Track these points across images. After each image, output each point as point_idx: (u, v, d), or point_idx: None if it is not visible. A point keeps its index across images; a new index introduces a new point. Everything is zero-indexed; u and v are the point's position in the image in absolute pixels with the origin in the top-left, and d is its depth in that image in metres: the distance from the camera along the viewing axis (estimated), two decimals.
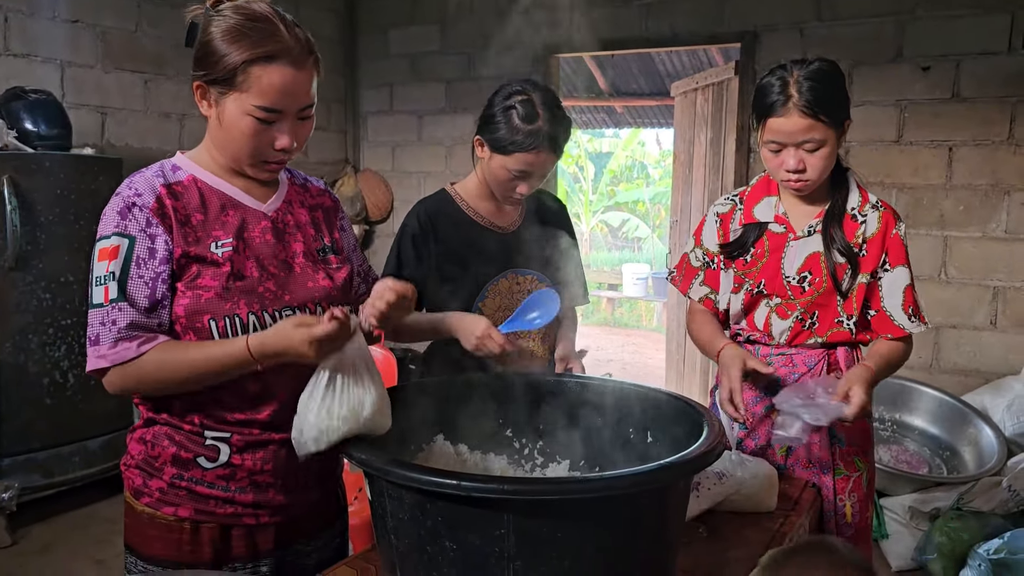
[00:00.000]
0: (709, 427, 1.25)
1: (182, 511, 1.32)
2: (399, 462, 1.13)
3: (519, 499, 1.03)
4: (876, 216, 1.77)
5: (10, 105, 3.47)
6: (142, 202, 1.25)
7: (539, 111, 1.77)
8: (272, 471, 1.35)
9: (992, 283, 3.80)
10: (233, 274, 1.28)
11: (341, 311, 1.19)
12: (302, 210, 1.43)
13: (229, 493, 1.32)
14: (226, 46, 1.22)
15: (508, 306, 1.91)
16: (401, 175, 5.54)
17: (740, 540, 1.51)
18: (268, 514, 1.36)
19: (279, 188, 1.41)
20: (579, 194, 13.03)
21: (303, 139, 1.32)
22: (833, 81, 1.68)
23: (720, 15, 4.29)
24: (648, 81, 8.26)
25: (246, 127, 1.25)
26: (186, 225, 1.28)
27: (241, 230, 1.32)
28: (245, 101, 1.23)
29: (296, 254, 1.38)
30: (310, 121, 1.33)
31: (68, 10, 3.96)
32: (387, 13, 5.41)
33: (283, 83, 1.23)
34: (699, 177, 4.86)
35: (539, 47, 4.82)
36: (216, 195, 1.32)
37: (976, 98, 3.73)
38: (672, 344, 5.41)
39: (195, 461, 1.31)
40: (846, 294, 1.76)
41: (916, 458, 3.60)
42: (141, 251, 1.24)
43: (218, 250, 1.28)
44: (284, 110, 1.26)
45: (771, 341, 1.83)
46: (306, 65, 1.26)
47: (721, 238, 1.88)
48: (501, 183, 1.85)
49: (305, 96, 1.28)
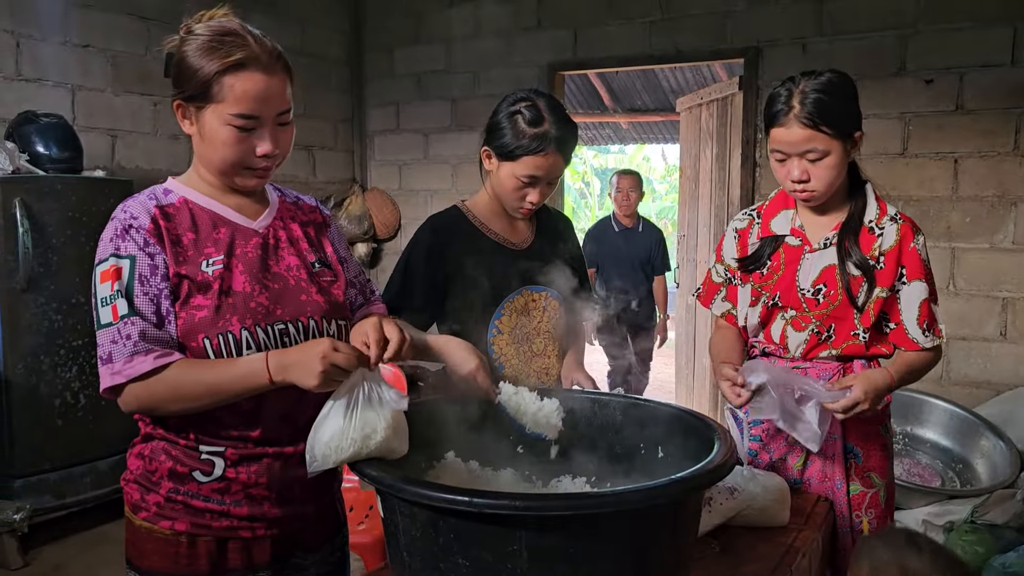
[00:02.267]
0: (720, 442, 1.25)
1: (179, 525, 1.33)
2: (411, 479, 1.14)
3: (531, 515, 1.03)
4: (894, 229, 1.75)
5: (22, 129, 3.51)
6: (138, 224, 1.29)
7: (544, 114, 1.78)
8: (267, 484, 1.35)
9: (1001, 294, 3.79)
10: (223, 291, 1.30)
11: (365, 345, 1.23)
12: (294, 224, 1.45)
13: (224, 506, 1.33)
14: (198, 61, 1.26)
15: (524, 323, 1.90)
16: (408, 193, 5.57)
17: (753, 555, 1.51)
18: (264, 527, 1.37)
19: (270, 206, 1.44)
20: (585, 210, 13.05)
21: (285, 145, 1.35)
22: (840, 92, 1.68)
23: (723, 31, 4.31)
24: (652, 97, 8.30)
25: (227, 136, 1.28)
26: (178, 245, 1.30)
27: (232, 246, 1.34)
28: (222, 111, 1.27)
29: (290, 267, 1.39)
30: (290, 127, 1.35)
31: (79, 35, 4.01)
32: (393, 33, 5.46)
33: (256, 89, 1.27)
34: (705, 192, 4.87)
35: (544, 64, 4.86)
36: (206, 214, 1.35)
37: (980, 110, 3.74)
38: (682, 358, 5.40)
39: (191, 475, 1.33)
40: (862, 308, 1.74)
41: (929, 471, 3.58)
42: (143, 269, 1.27)
43: (209, 268, 1.30)
44: (261, 115, 1.29)
45: (787, 354, 1.82)
46: (277, 71, 1.29)
47: (739, 253, 1.88)
48: (510, 193, 1.85)
49: (280, 101, 1.31)
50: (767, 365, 1.67)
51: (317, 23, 5.28)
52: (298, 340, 1.35)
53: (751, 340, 1.91)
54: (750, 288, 1.86)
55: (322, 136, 5.46)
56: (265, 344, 1.31)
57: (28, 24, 3.80)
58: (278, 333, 1.33)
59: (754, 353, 1.90)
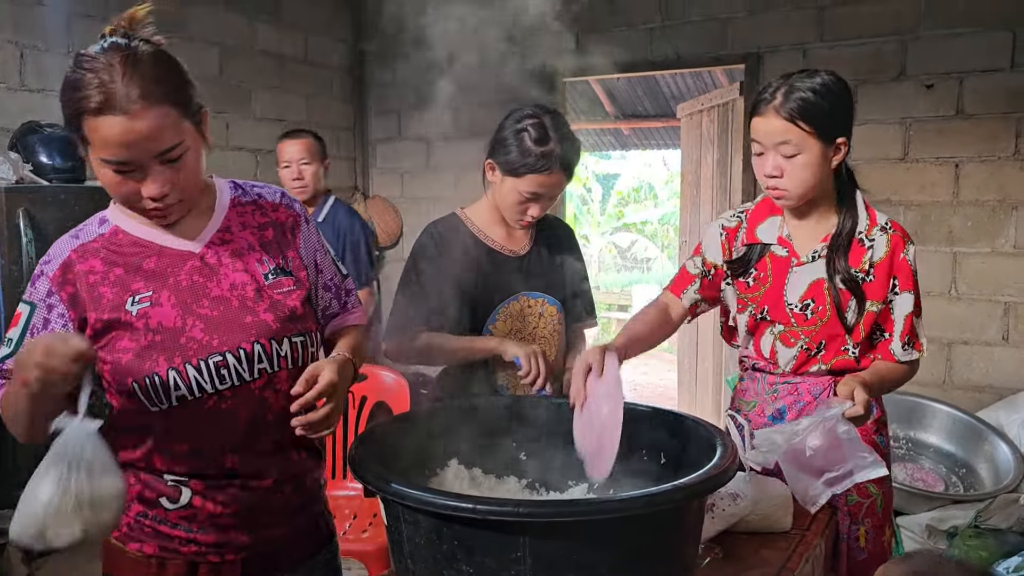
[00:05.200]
0: (723, 447, 1.25)
1: (147, 548, 1.31)
2: (415, 486, 1.14)
3: (535, 522, 1.04)
4: (884, 239, 1.71)
5: (25, 139, 3.52)
6: (48, 270, 1.26)
7: (550, 133, 1.80)
8: (234, 513, 1.32)
9: (1003, 298, 3.78)
10: (149, 330, 1.24)
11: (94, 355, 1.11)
12: (245, 233, 1.35)
13: (191, 533, 1.31)
14: (64, 98, 1.17)
15: (519, 328, 1.92)
16: (410, 201, 5.58)
17: (757, 560, 1.51)
18: (233, 551, 1.33)
19: (213, 217, 1.33)
20: (587, 216, 13.06)
21: (180, 182, 1.21)
22: (829, 93, 1.63)
23: (723, 37, 4.33)
24: (653, 103, 8.31)
25: (107, 179, 1.19)
26: (98, 287, 1.24)
27: (163, 277, 1.27)
28: (95, 154, 1.17)
29: (234, 286, 1.30)
30: (181, 163, 1.20)
31: (82, 45, 3.99)
32: (394, 41, 5.47)
33: (117, 135, 1.13)
34: (707, 198, 4.88)
35: (546, 71, 4.88)
36: (135, 245, 1.28)
37: (980, 114, 3.74)
38: (684, 364, 5.40)
39: (158, 500, 1.30)
40: (851, 328, 1.71)
41: (932, 476, 3.57)
42: (37, 321, 1.24)
43: (134, 307, 1.24)
44: (133, 160, 1.16)
45: (776, 369, 1.79)
46: (142, 113, 1.13)
47: (726, 253, 1.83)
48: (512, 206, 1.87)
49: (154, 142, 1.15)
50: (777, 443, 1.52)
51: (319, 32, 5.30)
52: (239, 371, 1.26)
53: (741, 352, 1.88)
54: (736, 294, 1.82)
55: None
56: (197, 382, 1.23)
57: (31, 35, 3.81)
58: (214, 367, 1.24)
59: (745, 367, 1.87)
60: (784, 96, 1.62)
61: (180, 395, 1.24)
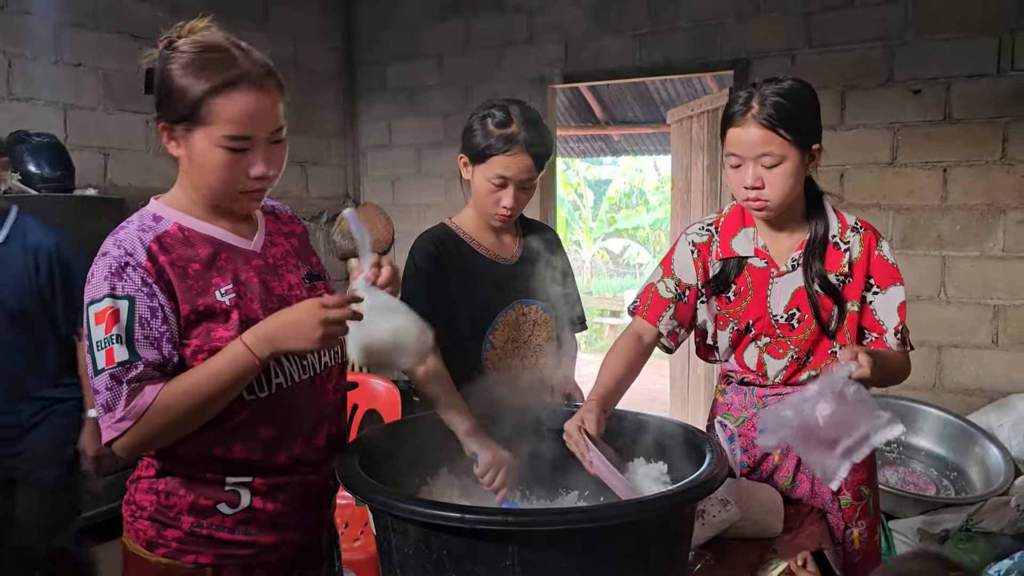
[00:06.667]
0: (712, 454, 1.26)
1: (203, 558, 1.30)
2: (403, 496, 1.14)
3: (523, 530, 1.04)
4: (858, 239, 1.71)
5: (14, 149, 3.51)
6: (135, 261, 1.21)
7: (513, 117, 1.80)
8: (291, 511, 1.34)
9: (992, 302, 3.80)
10: (243, 320, 1.25)
11: (355, 295, 1.22)
12: (280, 239, 1.41)
13: (251, 536, 1.31)
14: (184, 80, 1.20)
15: (516, 337, 1.91)
16: (401, 208, 5.57)
17: (747, 566, 1.51)
18: (289, 550, 1.36)
19: (259, 223, 1.39)
20: (579, 221, 13.09)
21: (279, 164, 1.29)
22: (800, 99, 1.62)
23: (712, 43, 4.35)
24: (643, 109, 8.34)
25: (218, 160, 1.22)
26: (187, 278, 1.24)
27: (237, 273, 1.29)
28: (213, 133, 1.20)
29: (292, 286, 1.36)
30: (283, 145, 1.29)
31: (71, 54, 4.02)
32: (385, 48, 5.48)
33: (248, 108, 1.20)
34: (697, 203, 4.89)
35: (536, 78, 4.89)
36: (206, 241, 1.29)
37: (968, 119, 3.77)
38: (676, 371, 5.40)
39: (215, 508, 1.29)
40: (834, 333, 1.69)
41: (923, 479, 3.58)
42: (143, 311, 1.19)
43: (223, 298, 1.25)
44: (254, 136, 1.23)
45: (766, 381, 1.77)
46: (268, 87, 1.23)
47: (700, 272, 1.77)
48: (484, 198, 1.86)
49: (273, 119, 1.25)
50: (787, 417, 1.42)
51: (309, 39, 5.30)
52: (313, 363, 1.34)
53: (724, 367, 1.85)
54: (714, 309, 1.78)
55: (315, 151, 5.46)
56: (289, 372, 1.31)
57: (19, 43, 3.80)
58: (297, 358, 1.32)
59: (730, 381, 1.84)
60: (760, 105, 1.60)
61: (279, 383, 1.29)
